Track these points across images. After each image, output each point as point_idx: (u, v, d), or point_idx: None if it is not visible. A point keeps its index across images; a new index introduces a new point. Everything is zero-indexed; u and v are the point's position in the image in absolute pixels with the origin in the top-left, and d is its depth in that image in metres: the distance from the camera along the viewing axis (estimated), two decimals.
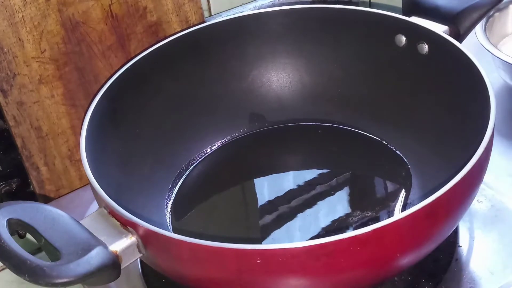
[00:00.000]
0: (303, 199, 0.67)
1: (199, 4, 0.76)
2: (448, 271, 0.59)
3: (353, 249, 0.47)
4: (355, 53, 0.72)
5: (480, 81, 0.58)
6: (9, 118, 0.67)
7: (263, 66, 0.75)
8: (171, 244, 0.50)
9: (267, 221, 0.66)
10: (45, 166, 0.71)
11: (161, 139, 0.70)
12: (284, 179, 0.70)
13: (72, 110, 0.71)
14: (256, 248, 0.47)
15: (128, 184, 0.64)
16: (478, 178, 0.54)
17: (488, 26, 0.79)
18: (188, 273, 0.52)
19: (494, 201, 0.64)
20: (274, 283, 0.50)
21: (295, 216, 0.65)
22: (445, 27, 0.66)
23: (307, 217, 0.65)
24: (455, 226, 0.58)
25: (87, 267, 0.47)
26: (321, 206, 0.66)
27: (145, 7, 0.72)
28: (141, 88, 0.69)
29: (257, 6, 0.88)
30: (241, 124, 0.75)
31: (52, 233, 0.50)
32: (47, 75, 0.68)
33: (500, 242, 0.61)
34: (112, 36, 0.71)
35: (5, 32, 0.64)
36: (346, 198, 0.66)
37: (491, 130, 0.54)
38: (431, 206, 0.49)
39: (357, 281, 0.52)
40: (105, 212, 0.53)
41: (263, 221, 0.66)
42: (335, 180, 0.68)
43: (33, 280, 0.46)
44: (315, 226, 0.64)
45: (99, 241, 0.50)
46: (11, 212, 0.50)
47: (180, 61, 0.71)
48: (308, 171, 0.70)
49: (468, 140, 0.56)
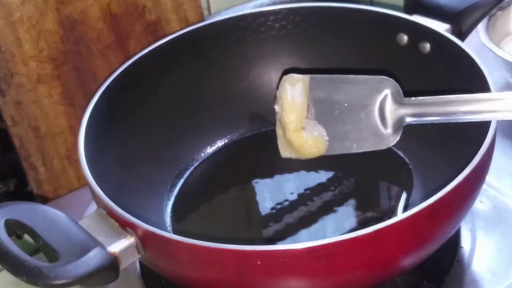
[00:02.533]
0: (304, 200, 0.66)
1: (198, 3, 0.76)
2: (450, 272, 0.59)
3: (354, 250, 0.47)
4: (356, 52, 0.72)
5: (482, 80, 0.58)
6: (6, 118, 0.67)
7: (263, 66, 0.75)
8: (170, 245, 0.50)
9: (267, 221, 0.66)
10: (43, 166, 0.71)
11: (160, 139, 0.70)
12: (284, 179, 0.70)
13: (71, 109, 0.70)
14: (256, 249, 0.47)
15: (127, 184, 0.63)
16: (480, 178, 0.54)
17: (490, 24, 0.79)
18: (188, 274, 0.52)
19: (496, 202, 0.64)
20: (274, 284, 0.50)
21: (295, 217, 0.65)
22: (447, 26, 0.66)
23: (307, 218, 0.65)
24: (457, 227, 0.58)
25: (85, 268, 0.47)
26: (322, 207, 0.65)
27: (144, 6, 0.72)
28: (140, 87, 0.69)
29: (257, 4, 0.88)
30: (241, 124, 0.75)
31: (50, 234, 0.49)
32: (45, 74, 0.68)
33: (502, 243, 0.61)
34: (110, 35, 0.71)
35: (2, 31, 0.64)
36: (347, 199, 0.65)
37: (493, 130, 0.54)
38: (433, 207, 0.48)
39: (358, 282, 0.52)
40: (104, 212, 0.53)
41: (263, 221, 0.66)
42: (336, 181, 0.68)
43: (31, 281, 0.46)
44: (316, 227, 0.64)
45: (97, 242, 0.49)
46: (8, 212, 0.50)
47: (179, 60, 0.71)
48: (308, 171, 0.70)
49: (470, 140, 0.56)
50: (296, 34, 0.73)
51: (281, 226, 0.65)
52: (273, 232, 0.65)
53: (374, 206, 0.65)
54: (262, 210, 0.67)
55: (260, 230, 0.66)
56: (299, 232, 0.64)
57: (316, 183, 0.68)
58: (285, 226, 0.64)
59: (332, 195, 0.67)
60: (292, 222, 0.65)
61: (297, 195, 0.67)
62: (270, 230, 0.65)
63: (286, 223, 0.65)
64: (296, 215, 0.65)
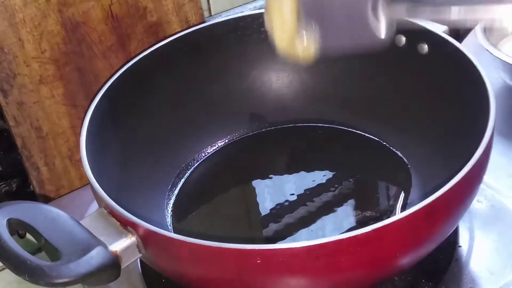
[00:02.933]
0: (304, 200, 0.67)
1: (199, 4, 0.76)
2: (448, 271, 0.59)
3: (353, 249, 0.47)
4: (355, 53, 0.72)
5: (480, 81, 0.58)
6: (9, 118, 0.67)
7: (263, 66, 0.75)
8: (171, 244, 0.50)
9: (267, 221, 0.66)
10: (45, 166, 0.71)
11: (161, 139, 0.70)
12: (284, 179, 0.70)
13: (72, 110, 0.71)
14: (256, 248, 0.47)
15: (128, 184, 0.64)
16: (478, 178, 0.54)
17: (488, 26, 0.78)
18: (188, 273, 0.52)
19: (494, 201, 0.64)
20: (274, 283, 0.50)
21: (295, 216, 0.65)
22: (445, 27, 0.66)
23: (307, 217, 0.65)
24: (455, 226, 0.58)
25: (87, 267, 0.47)
26: (321, 207, 0.66)
27: (145, 7, 0.72)
28: (141, 88, 0.69)
29: (257, 6, 0.88)
30: (241, 124, 0.75)
31: (52, 233, 0.50)
32: (47, 75, 0.68)
33: (500, 242, 0.61)
34: (112, 36, 0.71)
35: (5, 32, 0.64)
36: (346, 198, 0.66)
37: (491, 130, 0.54)
38: (431, 206, 0.49)
39: (357, 281, 0.52)
40: (105, 212, 0.53)
41: (263, 221, 0.66)
42: (336, 181, 0.68)
43: (33, 280, 0.46)
44: (315, 226, 0.64)
45: (99, 241, 0.50)
46: (11, 212, 0.50)
47: (180, 61, 0.71)
48: (308, 171, 0.70)
49: (468, 140, 0.56)
50: None
51: (281, 226, 0.65)
52: (273, 231, 0.65)
53: (373, 205, 0.65)
54: (262, 210, 0.67)
55: (260, 229, 0.66)
56: (299, 232, 0.64)
57: (316, 183, 0.68)
58: (285, 226, 0.65)
59: (331, 195, 0.67)
60: (292, 221, 0.65)
61: (296, 195, 0.67)
62: (270, 229, 0.65)
63: (286, 223, 0.65)
64: (295, 215, 0.65)
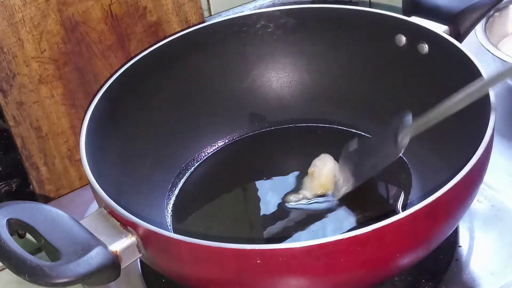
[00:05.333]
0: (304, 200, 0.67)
1: (199, 4, 0.76)
2: (448, 271, 0.59)
3: (353, 249, 0.47)
4: (355, 53, 0.72)
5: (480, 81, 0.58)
6: (9, 118, 0.67)
7: (263, 66, 0.75)
8: (171, 244, 0.50)
9: (267, 221, 0.66)
10: (45, 166, 0.71)
11: (161, 139, 0.70)
12: (284, 179, 0.70)
13: (72, 110, 0.71)
14: (256, 248, 0.47)
15: (128, 184, 0.64)
16: (478, 178, 0.54)
17: (488, 26, 0.79)
18: (188, 273, 0.52)
19: (494, 201, 0.64)
20: (274, 283, 0.50)
21: (295, 217, 0.65)
22: (445, 27, 0.66)
23: (307, 218, 0.65)
24: (455, 226, 0.58)
25: (87, 267, 0.47)
26: (321, 207, 0.66)
27: (145, 7, 0.72)
28: (141, 88, 0.69)
29: (257, 6, 0.88)
30: (241, 124, 0.75)
31: (52, 233, 0.50)
32: (47, 75, 0.68)
33: (500, 242, 0.61)
34: (112, 36, 0.71)
35: (4, 32, 0.64)
36: (346, 198, 0.66)
37: (491, 130, 0.54)
38: (431, 206, 0.49)
39: (357, 281, 0.52)
40: (105, 212, 0.53)
41: (263, 221, 0.66)
42: None
43: (33, 280, 0.46)
44: (315, 226, 0.64)
45: (99, 241, 0.50)
46: (11, 212, 0.50)
47: (180, 61, 0.71)
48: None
49: (468, 140, 0.56)
50: (296, 35, 0.73)
51: (281, 226, 0.65)
52: (273, 231, 0.65)
53: (373, 205, 0.65)
54: (262, 210, 0.67)
55: (260, 229, 0.66)
56: (299, 232, 0.64)
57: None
58: (285, 226, 0.65)
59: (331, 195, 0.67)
60: (292, 222, 0.65)
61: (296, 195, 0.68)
62: (270, 229, 0.65)
63: (286, 223, 0.65)
64: (295, 214, 0.65)
